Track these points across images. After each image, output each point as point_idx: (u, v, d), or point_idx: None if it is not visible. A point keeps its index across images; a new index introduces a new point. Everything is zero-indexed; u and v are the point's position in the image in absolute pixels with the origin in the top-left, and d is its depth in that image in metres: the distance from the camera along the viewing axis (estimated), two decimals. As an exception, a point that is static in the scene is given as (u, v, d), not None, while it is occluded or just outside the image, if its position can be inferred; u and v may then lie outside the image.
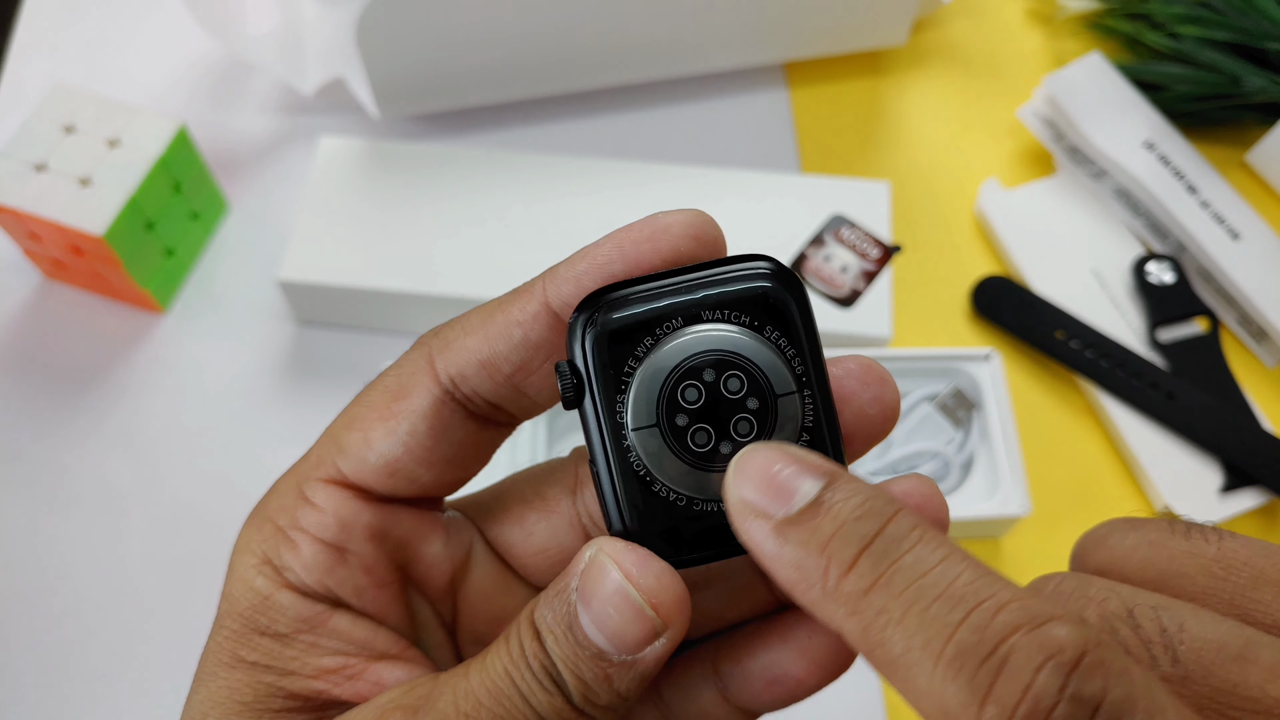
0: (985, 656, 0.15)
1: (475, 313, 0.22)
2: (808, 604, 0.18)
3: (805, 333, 0.20)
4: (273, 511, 0.22)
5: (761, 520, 0.18)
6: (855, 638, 0.17)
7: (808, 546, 0.17)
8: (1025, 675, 0.15)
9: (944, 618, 0.16)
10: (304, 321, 0.53)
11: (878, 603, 0.16)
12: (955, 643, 0.15)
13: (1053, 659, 0.15)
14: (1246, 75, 0.56)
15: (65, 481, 0.48)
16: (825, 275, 0.50)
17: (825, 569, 0.17)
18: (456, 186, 0.51)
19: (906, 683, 0.16)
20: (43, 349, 0.52)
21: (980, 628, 0.15)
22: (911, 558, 0.17)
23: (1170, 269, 0.53)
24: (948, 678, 0.15)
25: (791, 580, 0.18)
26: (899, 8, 0.58)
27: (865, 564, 0.17)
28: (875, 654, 0.16)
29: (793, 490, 0.18)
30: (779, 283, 0.20)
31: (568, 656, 0.19)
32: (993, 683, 0.15)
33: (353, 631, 0.22)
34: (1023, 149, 0.59)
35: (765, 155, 0.59)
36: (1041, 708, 0.14)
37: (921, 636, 0.16)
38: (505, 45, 0.54)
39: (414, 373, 0.22)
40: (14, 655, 0.44)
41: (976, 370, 0.47)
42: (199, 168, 0.52)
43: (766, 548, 0.18)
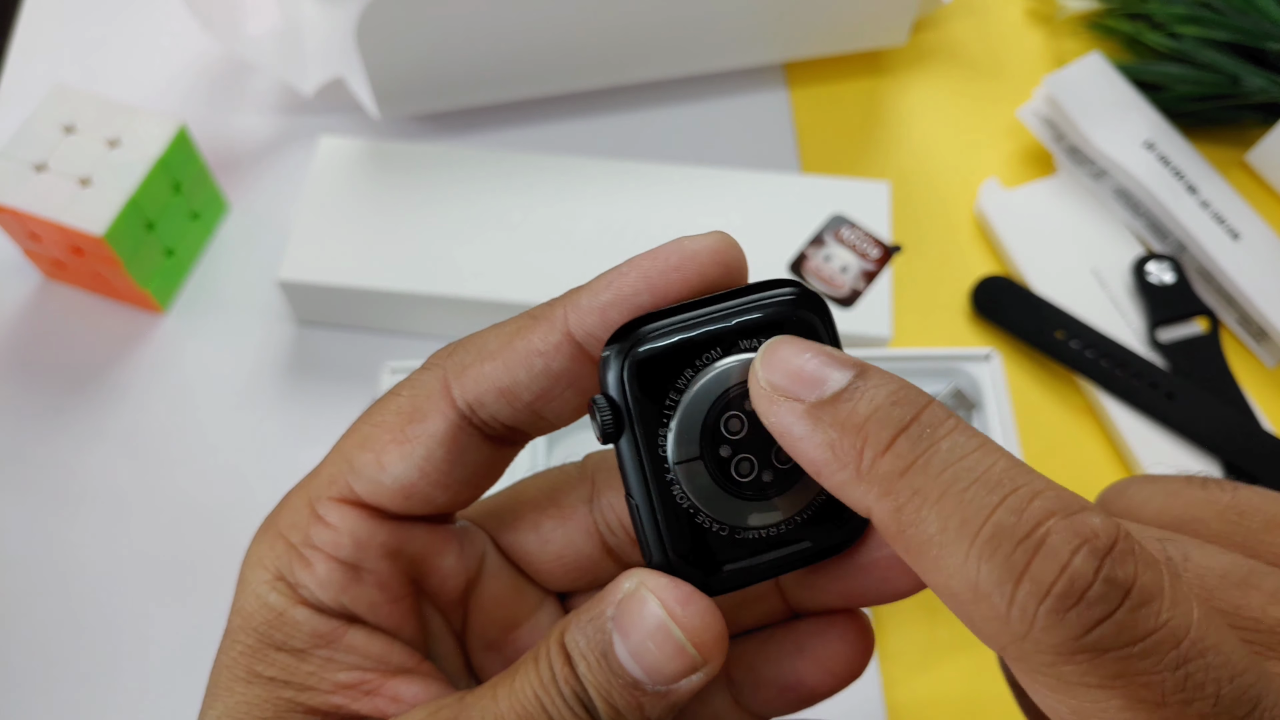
0: (1022, 538, 0.15)
1: (492, 335, 0.22)
2: (836, 485, 0.18)
3: None
4: (285, 528, 0.22)
5: (792, 403, 0.18)
6: (885, 517, 0.17)
7: (842, 428, 0.17)
8: (1061, 556, 0.15)
9: (981, 499, 0.16)
10: (304, 321, 0.53)
11: (915, 483, 0.16)
12: (992, 523, 0.15)
13: (1087, 543, 0.15)
14: (1246, 75, 0.56)
15: (65, 481, 0.48)
16: (825, 275, 0.50)
17: (860, 449, 0.17)
18: (456, 187, 0.51)
19: (937, 563, 0.16)
20: (43, 349, 0.52)
21: (1017, 510, 0.15)
22: (949, 443, 0.17)
23: (1170, 269, 0.53)
24: (983, 556, 0.15)
25: (822, 461, 0.18)
26: (899, 8, 0.58)
27: (903, 445, 0.17)
28: (906, 534, 0.16)
29: (824, 378, 0.18)
30: (807, 307, 0.20)
31: (600, 684, 0.19)
32: (1029, 562, 0.15)
33: (369, 647, 0.22)
34: (1023, 149, 0.59)
35: (765, 155, 0.59)
36: (1077, 587, 0.15)
37: (958, 516, 0.16)
38: (505, 45, 0.54)
39: (429, 396, 0.22)
40: (14, 655, 0.44)
41: (976, 370, 0.47)
42: (199, 168, 0.52)
43: (796, 429, 0.18)
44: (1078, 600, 0.15)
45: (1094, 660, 0.15)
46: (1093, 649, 0.15)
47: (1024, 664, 0.16)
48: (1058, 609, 0.15)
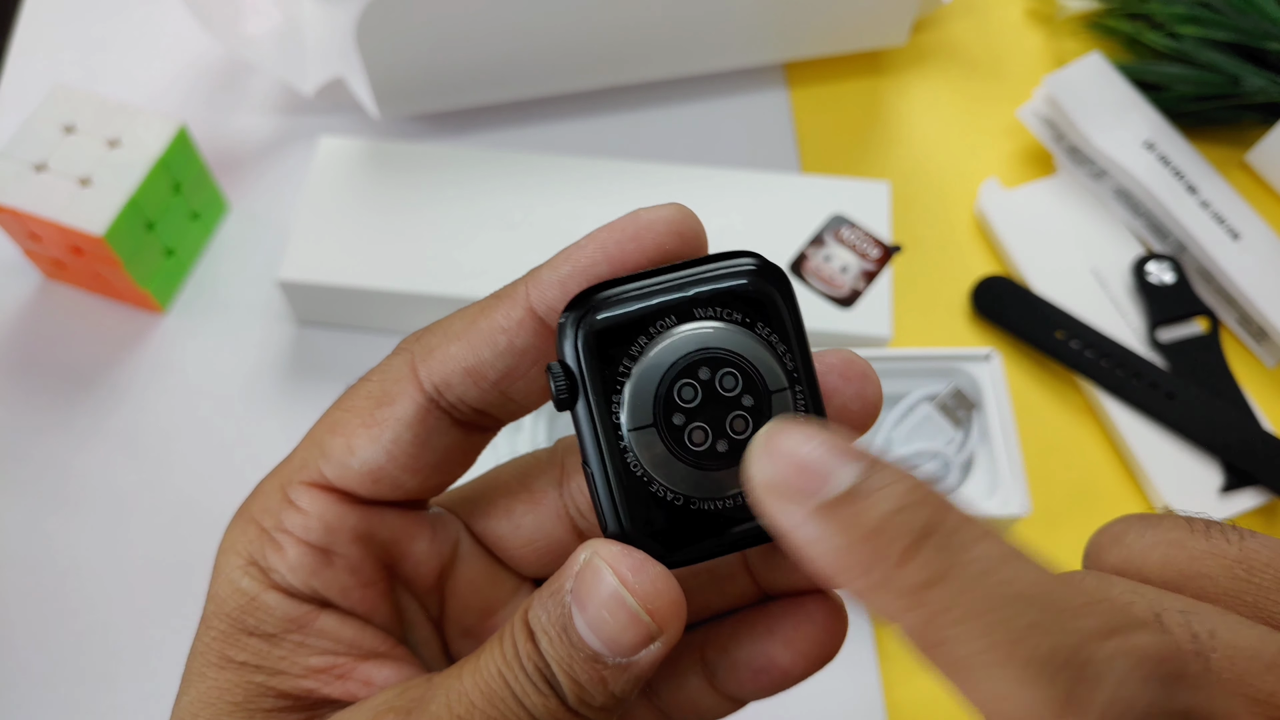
0: (1066, 660, 0.14)
1: (457, 317, 0.22)
2: (857, 592, 0.16)
3: (793, 328, 0.21)
4: (257, 513, 0.22)
5: (794, 505, 0.17)
6: (915, 632, 0.16)
7: (852, 533, 0.16)
8: (1111, 682, 0.14)
9: (1018, 619, 0.15)
10: (304, 321, 0.53)
11: (943, 599, 0.15)
12: (1032, 645, 0.14)
13: (1139, 667, 0.14)
14: (1246, 75, 0.56)
15: (65, 481, 0.48)
16: (825, 275, 0.50)
17: (876, 558, 0.16)
18: (456, 186, 0.51)
19: (974, 684, 0.15)
20: (43, 349, 0.52)
21: (1058, 630, 0.14)
22: (975, 553, 0.15)
23: (1170, 269, 0.53)
24: (1025, 681, 0.14)
25: (836, 568, 0.16)
26: (899, 8, 0.58)
27: (929, 553, 0.15)
28: (938, 651, 0.15)
29: (828, 473, 0.17)
30: (766, 278, 0.21)
31: (562, 658, 0.19)
32: (1076, 688, 0.14)
33: (340, 631, 0.22)
34: (1023, 149, 0.59)
35: (765, 155, 0.59)
36: (1132, 716, 0.14)
37: (993, 637, 0.15)
38: (505, 45, 0.54)
39: (397, 379, 0.22)
40: (14, 655, 0.44)
41: (976, 370, 0.47)
42: (199, 168, 0.52)
43: (803, 533, 0.17)
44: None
45: None
46: None
47: None
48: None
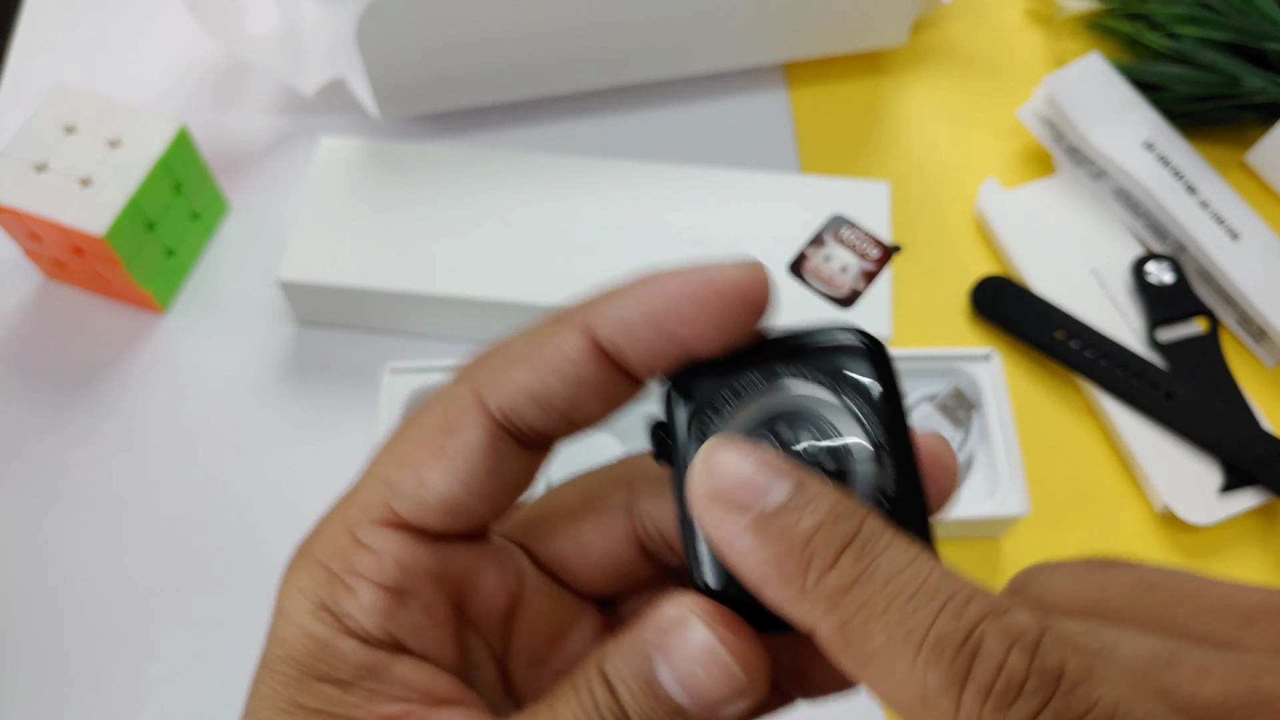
0: (961, 642, 0.16)
1: (518, 343, 0.22)
2: (779, 601, 0.18)
3: (889, 402, 0.20)
4: (324, 555, 0.22)
5: (734, 515, 0.18)
6: (831, 633, 0.17)
7: (787, 544, 0.18)
8: (998, 656, 0.16)
9: (924, 609, 0.17)
10: (304, 321, 0.53)
11: (860, 597, 0.17)
12: (935, 632, 0.16)
13: (1018, 641, 0.16)
14: (1246, 75, 0.56)
15: (65, 481, 0.48)
16: (825, 275, 0.50)
17: (805, 567, 0.18)
18: (457, 186, 0.52)
19: (884, 675, 0.17)
20: (43, 349, 0.52)
21: (955, 616, 0.16)
22: (888, 556, 0.17)
23: (1170, 269, 0.53)
24: (929, 664, 0.16)
25: (765, 578, 0.18)
26: (899, 8, 0.58)
27: (846, 561, 0.17)
28: (852, 648, 0.17)
29: (766, 488, 0.18)
30: (866, 355, 0.21)
31: (643, 711, 0.19)
32: (969, 666, 0.16)
33: (414, 677, 0.22)
34: (1022, 149, 0.60)
35: (765, 155, 0.59)
36: (1014, 683, 0.16)
37: (904, 628, 0.17)
38: (505, 45, 0.54)
39: (462, 408, 0.21)
40: (14, 655, 0.44)
41: (976, 370, 0.47)
42: (199, 168, 0.52)
43: (739, 544, 0.18)
44: (1017, 695, 0.16)
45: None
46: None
47: None
48: (1000, 706, 0.16)
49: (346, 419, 0.50)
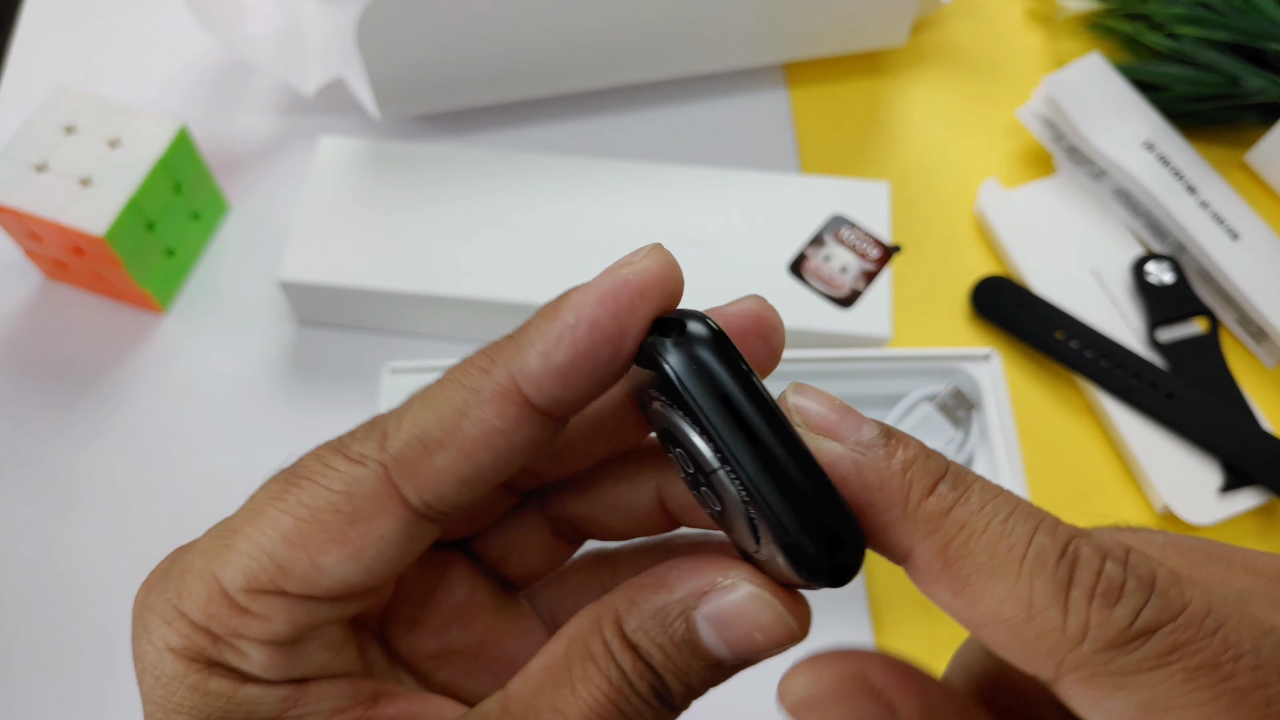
0: (1060, 555, 0.17)
1: (432, 416, 0.19)
2: (881, 525, 0.19)
3: (718, 402, 0.18)
4: (197, 614, 0.20)
5: (835, 443, 0.19)
6: (931, 553, 0.18)
7: (887, 471, 0.19)
8: (1095, 565, 0.17)
9: (1021, 528, 0.18)
10: (304, 321, 0.53)
11: (959, 519, 0.18)
12: (1035, 544, 0.18)
13: (1109, 554, 0.17)
14: (1246, 75, 0.56)
15: (65, 481, 0.48)
16: (825, 275, 0.50)
17: (907, 491, 0.18)
18: (457, 186, 0.52)
19: (985, 592, 0.18)
20: (43, 349, 0.52)
21: (1050, 534, 0.18)
22: (979, 486, 0.19)
23: (1170, 269, 0.53)
24: (1034, 574, 0.17)
25: (869, 501, 0.19)
26: (899, 8, 0.58)
27: (943, 488, 0.18)
28: (952, 568, 0.18)
29: (857, 426, 0.19)
30: (675, 359, 0.19)
31: (680, 669, 0.19)
32: (1071, 574, 0.17)
33: (334, 691, 0.21)
34: (1022, 149, 0.60)
35: (765, 155, 0.59)
36: (1114, 586, 0.17)
37: (1005, 544, 0.18)
38: (505, 45, 0.54)
39: (372, 496, 0.19)
40: (14, 655, 0.44)
41: (976, 370, 0.47)
42: (199, 168, 0.52)
43: (843, 464, 0.19)
44: (1119, 596, 0.17)
45: (1146, 642, 0.17)
46: (1143, 632, 0.17)
47: (1084, 670, 0.17)
48: (1106, 605, 0.17)
49: (346, 419, 0.49)
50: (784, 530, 0.18)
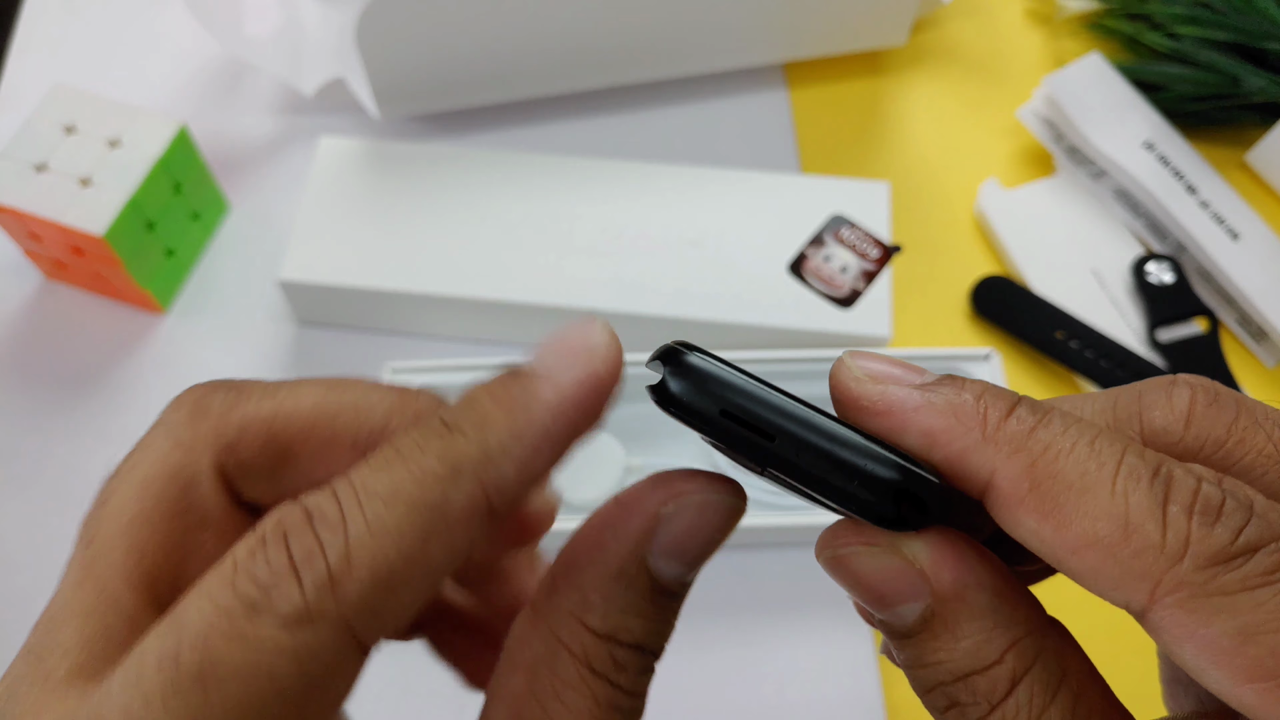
0: (1154, 474, 0.17)
1: (388, 543, 0.16)
2: (958, 451, 0.18)
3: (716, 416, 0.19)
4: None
5: (895, 385, 0.18)
6: (1016, 474, 0.17)
7: (959, 398, 0.18)
8: (1190, 484, 0.16)
9: (1109, 449, 0.17)
10: (304, 321, 0.53)
11: (1044, 440, 0.17)
12: (1126, 464, 0.17)
13: (1203, 476, 0.17)
14: (1246, 75, 0.56)
15: (65, 481, 0.48)
16: (825, 275, 0.50)
17: (984, 414, 0.18)
18: (457, 186, 0.52)
19: (1077, 512, 0.17)
20: (43, 349, 0.52)
21: (1140, 455, 0.17)
22: (1059, 412, 0.18)
23: (1170, 269, 0.53)
24: (1128, 489, 0.16)
25: (942, 428, 0.18)
26: (899, 8, 0.58)
27: (1023, 410, 0.18)
28: (1039, 489, 0.17)
29: (920, 371, 0.19)
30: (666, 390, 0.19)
31: (658, 620, 0.19)
32: (1167, 490, 0.16)
33: None
34: (1022, 149, 0.60)
35: (765, 155, 0.59)
36: (1214, 503, 0.16)
37: (1095, 461, 0.17)
38: (505, 45, 0.54)
39: (331, 668, 0.16)
40: (12, 656, 0.44)
41: (976, 370, 0.47)
42: (199, 168, 0.52)
43: (911, 400, 0.18)
44: (1218, 514, 0.16)
45: (1249, 559, 0.16)
46: (1246, 549, 0.16)
47: (1183, 590, 0.16)
48: (1206, 522, 0.16)
49: (346, 419, 0.50)
50: (850, 503, 0.18)
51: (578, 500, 0.46)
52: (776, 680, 0.44)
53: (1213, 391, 0.19)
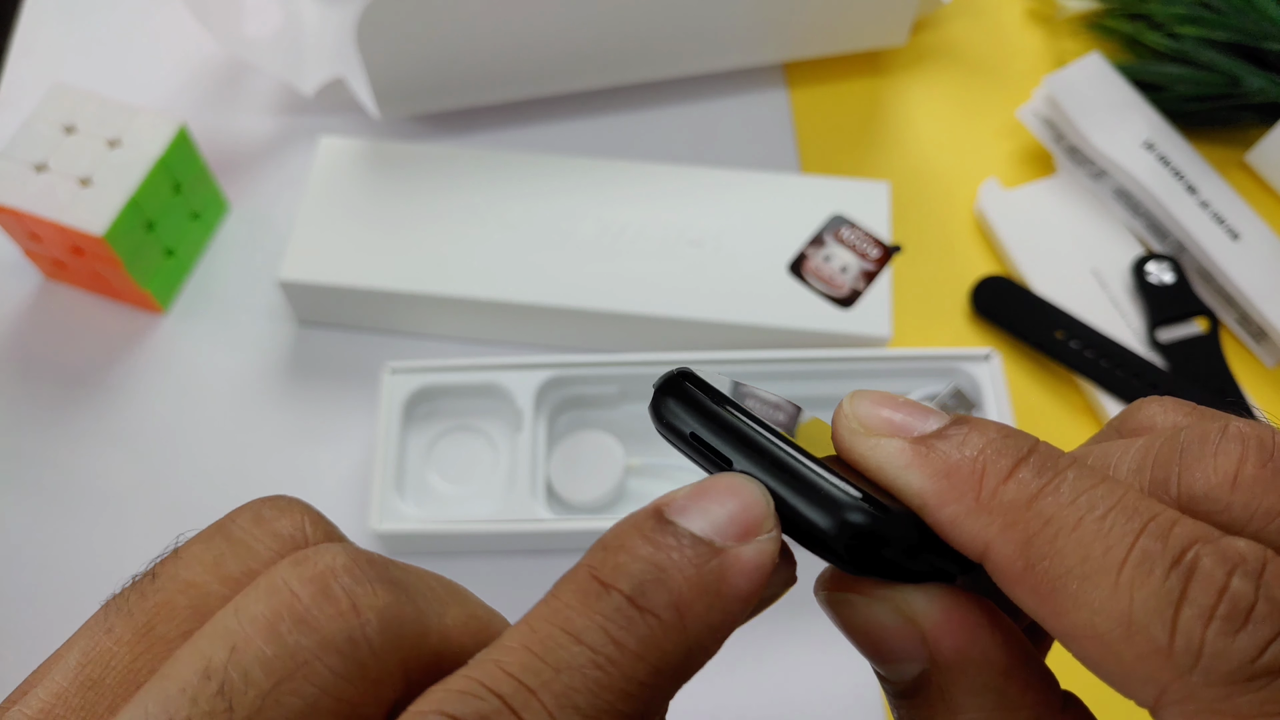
0: (1172, 564, 0.14)
1: None
2: (948, 519, 0.16)
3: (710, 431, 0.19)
4: None
5: (890, 439, 0.17)
6: (1012, 551, 0.15)
7: (955, 458, 0.16)
8: (1218, 579, 0.14)
9: (1122, 526, 0.15)
10: (304, 321, 0.53)
11: (1046, 511, 0.15)
12: (1139, 549, 0.14)
13: (1239, 566, 0.14)
14: (1246, 75, 0.56)
15: (65, 481, 0.48)
16: (825, 275, 0.50)
17: (980, 477, 0.16)
18: (457, 186, 0.52)
19: (1075, 601, 0.15)
20: (43, 349, 0.52)
21: (1160, 536, 0.14)
22: (1073, 473, 0.16)
23: (1170, 269, 0.53)
24: (1135, 584, 0.14)
25: (931, 491, 0.16)
26: (899, 8, 0.58)
27: (1026, 473, 0.16)
28: (1035, 570, 0.15)
29: (923, 418, 0.17)
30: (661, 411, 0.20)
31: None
32: (1184, 586, 0.14)
33: None
34: (1023, 149, 0.60)
35: (765, 155, 0.59)
36: (1241, 607, 0.14)
37: (1101, 545, 0.15)
38: (505, 45, 0.54)
39: None
40: (14, 655, 0.44)
41: (976, 370, 0.47)
42: (199, 168, 0.52)
43: (900, 459, 0.16)
44: (1245, 621, 0.14)
45: (1273, 682, 0.14)
46: (1269, 671, 0.14)
47: (1190, 704, 0.14)
48: (1226, 631, 0.14)
49: (346, 419, 0.50)
50: (813, 544, 0.17)
51: (578, 500, 0.46)
52: (776, 680, 0.44)
53: (1268, 448, 0.17)
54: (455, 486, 0.47)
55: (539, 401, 0.47)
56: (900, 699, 0.17)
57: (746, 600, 0.16)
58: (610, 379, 0.47)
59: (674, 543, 0.16)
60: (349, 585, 0.15)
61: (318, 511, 0.18)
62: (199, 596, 0.16)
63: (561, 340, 0.51)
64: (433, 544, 0.45)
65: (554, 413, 0.48)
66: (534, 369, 0.47)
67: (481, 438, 0.48)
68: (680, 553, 0.16)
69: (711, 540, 0.16)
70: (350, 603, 0.15)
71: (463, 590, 0.17)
